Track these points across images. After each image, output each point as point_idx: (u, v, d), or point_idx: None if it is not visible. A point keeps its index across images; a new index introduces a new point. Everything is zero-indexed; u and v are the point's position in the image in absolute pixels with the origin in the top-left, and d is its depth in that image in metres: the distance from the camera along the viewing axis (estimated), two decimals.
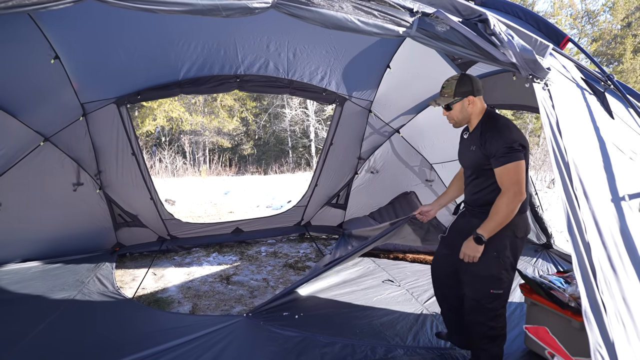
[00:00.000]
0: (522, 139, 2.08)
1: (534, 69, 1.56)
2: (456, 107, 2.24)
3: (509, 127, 2.12)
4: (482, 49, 1.55)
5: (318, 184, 5.49)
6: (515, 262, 2.27)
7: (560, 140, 1.58)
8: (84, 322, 3.13)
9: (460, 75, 2.25)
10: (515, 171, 2.01)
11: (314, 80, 4.49)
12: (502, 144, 2.03)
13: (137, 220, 4.90)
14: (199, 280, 4.18)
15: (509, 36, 1.53)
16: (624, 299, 1.38)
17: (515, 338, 2.90)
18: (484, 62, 1.67)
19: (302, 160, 22.83)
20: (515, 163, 2.01)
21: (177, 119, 17.14)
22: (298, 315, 3.06)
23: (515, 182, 2.01)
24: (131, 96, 4.14)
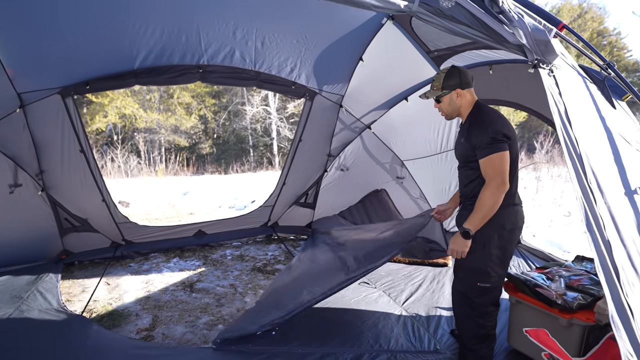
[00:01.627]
0: (507, 129, 2.04)
1: (545, 52, 1.43)
2: (445, 99, 2.25)
3: (494, 118, 2.09)
4: (489, 28, 1.40)
5: (286, 182, 5.24)
6: (505, 257, 2.22)
7: (571, 131, 1.45)
8: (18, 347, 2.66)
9: (449, 68, 2.24)
10: (498, 162, 1.99)
11: (282, 73, 4.24)
12: (486, 135, 2.02)
13: (87, 224, 4.42)
14: (159, 289, 3.81)
15: (519, 15, 1.38)
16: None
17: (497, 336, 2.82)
18: (490, 44, 1.52)
19: (263, 159, 22.39)
20: (498, 154, 1.99)
21: (130, 115, 16.16)
22: (274, 330, 2.80)
23: (499, 173, 1.99)
24: (79, 86, 3.68)
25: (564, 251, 5.01)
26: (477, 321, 2.27)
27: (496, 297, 2.28)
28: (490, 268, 2.17)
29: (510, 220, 2.17)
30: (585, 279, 2.65)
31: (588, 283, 2.59)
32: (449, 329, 3.01)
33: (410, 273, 4.15)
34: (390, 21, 3.52)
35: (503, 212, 2.12)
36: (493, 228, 2.13)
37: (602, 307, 2.20)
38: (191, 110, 20.22)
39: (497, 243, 2.16)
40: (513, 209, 2.18)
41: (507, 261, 2.26)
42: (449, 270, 4.21)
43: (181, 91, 18.82)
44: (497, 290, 2.26)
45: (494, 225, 2.13)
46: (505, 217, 2.14)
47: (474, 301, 2.25)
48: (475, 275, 2.21)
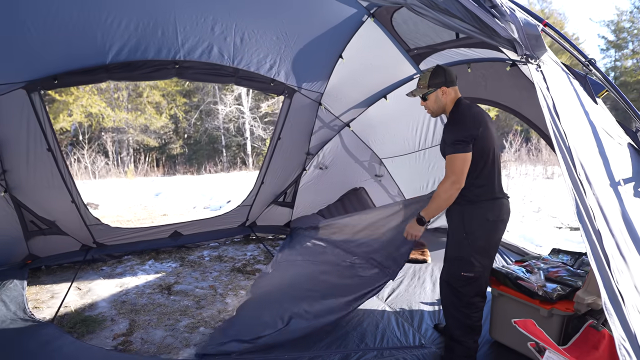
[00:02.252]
0: (475, 130, 2.14)
1: (535, 46, 1.46)
2: (431, 97, 2.34)
3: (464, 118, 2.20)
4: (482, 22, 1.41)
5: (264, 181, 5.17)
6: (488, 247, 2.29)
7: (560, 124, 1.49)
8: None
9: (434, 68, 2.34)
10: (456, 163, 2.12)
11: (261, 70, 4.17)
12: (452, 135, 2.15)
13: (55, 226, 4.19)
14: (134, 293, 3.67)
15: (510, 9, 1.40)
16: (635, 287, 1.31)
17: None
18: (481, 38, 1.53)
19: (237, 160, 22.05)
20: (458, 155, 2.11)
21: (97, 114, 15.53)
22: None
23: (455, 172, 2.13)
24: (46, 81, 3.47)
25: (537, 245, 5.19)
26: (463, 311, 2.32)
27: (481, 287, 2.33)
28: (473, 258, 2.24)
29: (494, 212, 2.24)
30: (562, 271, 2.75)
31: (565, 275, 2.68)
32: (433, 323, 3.04)
33: None
34: (371, 19, 3.52)
35: (486, 204, 2.23)
36: (477, 219, 2.23)
37: (581, 297, 2.28)
38: (161, 109, 19.65)
39: (480, 234, 2.24)
40: (496, 201, 2.26)
41: (491, 252, 2.32)
42: (429, 267, 4.27)
43: (151, 90, 18.26)
44: (481, 280, 2.31)
45: (477, 216, 2.22)
46: (489, 209, 2.23)
47: (459, 291, 2.31)
48: (459, 264, 2.29)
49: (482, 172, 2.20)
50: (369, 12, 3.49)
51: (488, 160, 2.19)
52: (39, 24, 2.95)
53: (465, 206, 2.27)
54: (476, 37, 1.52)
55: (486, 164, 2.19)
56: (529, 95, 3.22)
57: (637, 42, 23.74)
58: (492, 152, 2.22)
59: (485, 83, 3.51)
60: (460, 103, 2.30)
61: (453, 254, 2.34)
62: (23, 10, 2.83)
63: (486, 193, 2.23)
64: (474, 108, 2.27)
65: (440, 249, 4.69)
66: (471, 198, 2.24)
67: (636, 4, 24.79)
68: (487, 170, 2.20)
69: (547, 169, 12.57)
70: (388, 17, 3.43)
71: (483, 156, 2.17)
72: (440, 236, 5.31)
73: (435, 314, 3.20)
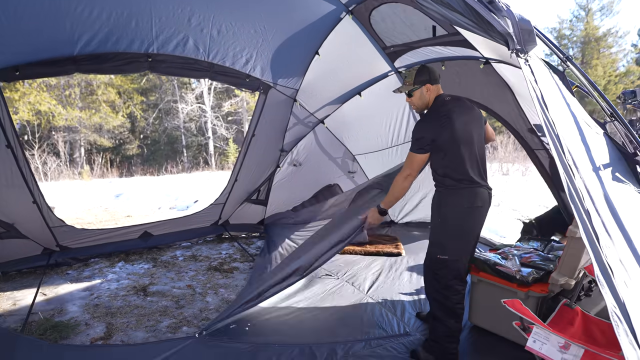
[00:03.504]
0: (433, 132, 2.29)
1: (527, 41, 1.56)
2: (416, 94, 2.46)
3: (428, 119, 2.39)
4: (479, 16, 1.49)
5: (238, 178, 5.08)
6: (463, 233, 2.41)
7: (548, 114, 1.59)
8: None
9: (420, 67, 2.48)
10: (412, 161, 2.36)
11: (237, 64, 4.10)
12: (414, 133, 2.35)
13: (14, 229, 3.90)
14: (107, 296, 3.50)
15: (506, 5, 1.49)
16: (620, 261, 1.43)
17: None
18: (476, 32, 1.62)
19: (199, 159, 21.47)
20: (415, 155, 2.34)
21: (47, 112, 14.56)
22: (247, 325, 2.70)
23: (410, 168, 2.38)
24: (6, 72, 3.21)
25: (501, 236, 5.47)
26: (443, 292, 2.41)
27: (458, 271, 2.41)
28: (447, 241, 2.38)
29: (468, 200, 2.36)
30: (534, 256, 2.93)
31: (538, 259, 2.86)
32: (414, 312, 3.14)
33: (368, 263, 4.25)
34: (350, 16, 3.58)
35: (461, 192, 2.36)
36: (451, 205, 2.38)
37: (556, 279, 2.45)
38: (117, 108, 18.75)
39: (454, 219, 2.37)
40: (472, 189, 2.36)
41: (466, 237, 2.42)
42: (404, 259, 4.39)
43: (106, 87, 17.37)
44: (458, 264, 2.40)
45: (452, 202, 2.38)
46: (464, 196, 2.36)
47: (436, 273, 2.42)
48: (435, 248, 2.43)
49: (451, 163, 2.32)
50: (348, 9, 3.54)
51: (457, 152, 2.31)
52: (3, 10, 2.74)
53: (442, 193, 2.42)
54: (472, 31, 1.60)
55: (455, 156, 2.31)
56: (500, 92, 3.41)
57: (576, 48, 25.62)
58: (466, 144, 2.32)
59: (458, 80, 3.67)
60: (436, 101, 2.44)
61: (430, 238, 2.50)
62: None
63: (462, 181, 2.34)
64: (446, 107, 2.37)
65: (413, 242, 4.91)
66: (448, 185, 2.37)
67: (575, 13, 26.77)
68: (458, 161, 2.32)
69: (502, 165, 13.27)
70: (367, 14, 3.50)
71: (450, 150, 2.30)
72: (412, 230, 5.49)
73: (415, 303, 3.30)
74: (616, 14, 27.60)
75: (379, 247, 4.71)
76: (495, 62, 3.09)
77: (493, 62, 3.14)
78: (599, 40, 23.98)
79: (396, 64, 4.09)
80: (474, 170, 2.38)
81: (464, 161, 2.33)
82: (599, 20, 24.85)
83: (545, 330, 1.82)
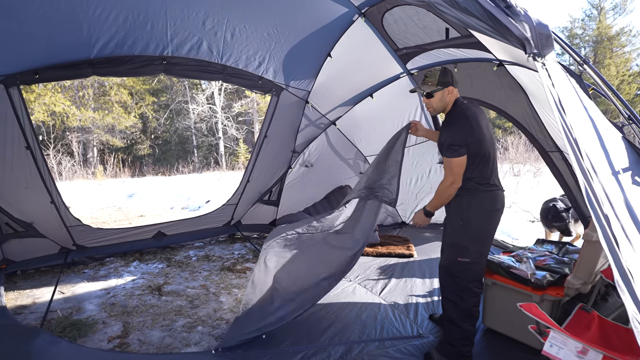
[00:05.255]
0: (468, 135, 2.26)
1: (545, 45, 1.55)
2: (437, 95, 2.41)
3: (460, 122, 2.31)
4: (498, 21, 1.49)
5: (250, 179, 5.13)
6: (484, 235, 2.41)
7: (566, 118, 1.59)
8: None
9: (442, 68, 2.42)
10: (452, 166, 2.28)
11: (250, 67, 4.14)
12: (449, 138, 2.28)
13: (32, 229, 3.99)
14: (122, 295, 3.56)
15: (524, 10, 1.49)
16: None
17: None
18: (493, 37, 1.62)
19: (209, 159, 21.62)
20: (454, 160, 2.26)
21: (61, 113, 14.79)
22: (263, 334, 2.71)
23: (453, 174, 2.29)
24: (26, 75, 3.29)
25: (513, 238, 5.43)
26: (460, 295, 2.42)
27: (478, 274, 2.43)
28: (469, 244, 2.36)
29: (489, 202, 2.37)
30: (549, 259, 2.91)
31: (552, 262, 2.84)
32: (428, 314, 3.14)
33: (379, 265, 4.26)
34: (362, 18, 3.59)
35: (483, 195, 2.36)
36: (474, 208, 2.36)
37: (572, 282, 2.43)
38: (129, 108, 18.97)
39: (476, 222, 2.37)
40: (492, 192, 2.38)
41: (487, 240, 2.43)
42: (415, 261, 4.38)
43: (118, 88, 17.60)
44: (478, 266, 2.41)
45: (474, 206, 2.36)
46: (485, 200, 2.36)
47: (456, 276, 2.41)
48: (456, 250, 2.40)
49: (478, 166, 2.33)
50: (360, 11, 3.55)
51: (484, 156, 2.32)
52: (22, 14, 2.82)
53: (463, 197, 2.39)
54: (490, 35, 1.60)
55: (482, 159, 2.32)
56: (513, 94, 3.39)
57: (589, 47, 25.25)
58: (488, 148, 2.33)
59: (471, 82, 3.66)
60: (457, 104, 2.40)
61: (451, 240, 2.46)
62: (6, 1, 2.69)
63: (483, 185, 2.35)
64: (470, 110, 2.35)
65: (425, 244, 4.90)
66: (469, 188, 2.36)
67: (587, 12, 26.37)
68: (483, 164, 2.33)
69: (513, 166, 13.13)
70: (379, 17, 3.51)
71: (479, 153, 2.30)
72: (423, 231, 5.47)
73: (428, 305, 3.30)
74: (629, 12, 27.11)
75: (390, 248, 4.71)
76: (508, 64, 3.07)
77: (506, 64, 3.12)
78: (612, 40, 23.61)
79: (408, 66, 4.09)
80: (495, 173, 2.42)
81: (488, 165, 2.35)
82: (612, 19, 24.48)
83: (562, 334, 1.81)
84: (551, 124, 3.26)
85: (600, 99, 2.19)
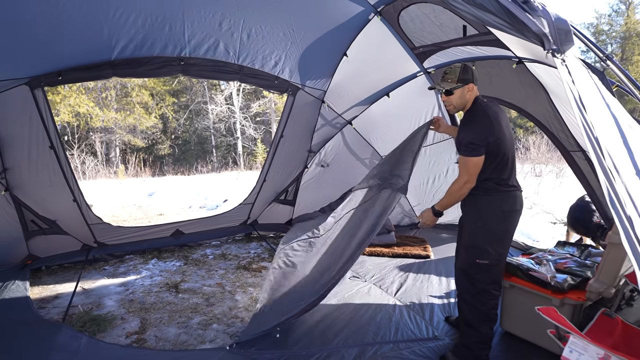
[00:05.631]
0: (489, 133, 2.20)
1: (564, 41, 1.50)
2: (457, 92, 2.36)
3: (480, 121, 2.26)
4: (514, 16, 1.45)
5: (267, 179, 5.16)
6: (503, 237, 2.35)
7: (587, 115, 1.53)
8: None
9: (463, 65, 2.38)
10: (469, 165, 2.23)
11: (266, 67, 4.17)
12: (467, 137, 2.23)
13: (56, 226, 4.12)
14: (141, 291, 3.63)
15: (542, 5, 1.45)
16: None
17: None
18: (510, 33, 1.58)
19: (228, 159, 21.88)
20: (471, 159, 2.21)
21: (85, 114, 15.24)
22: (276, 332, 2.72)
23: (468, 173, 2.24)
24: (49, 77, 3.40)
25: (534, 240, 5.30)
26: (478, 298, 2.37)
27: (496, 276, 2.38)
28: (488, 246, 2.31)
29: (508, 203, 2.32)
30: (570, 262, 2.83)
31: (574, 265, 2.76)
32: (444, 316, 3.09)
33: (395, 265, 4.22)
34: (378, 17, 3.56)
35: (501, 196, 2.31)
36: (492, 209, 2.31)
37: (594, 286, 2.35)
38: (150, 109, 19.39)
39: (495, 223, 2.31)
40: (511, 193, 2.33)
41: (506, 242, 2.38)
42: (432, 262, 4.33)
43: (140, 89, 18.01)
44: (496, 268, 2.36)
45: (492, 207, 2.31)
46: (504, 200, 2.31)
47: (474, 278, 2.36)
48: (474, 252, 2.35)
49: (497, 167, 2.28)
50: (376, 10, 3.53)
51: (503, 157, 2.26)
52: (45, 18, 2.91)
53: (481, 197, 2.35)
54: (506, 31, 1.56)
55: (502, 159, 2.27)
56: (533, 92, 3.30)
57: (616, 44, 24.43)
58: (507, 149, 2.28)
59: (489, 80, 3.58)
60: (477, 102, 2.35)
61: (468, 242, 2.40)
62: (31, 5, 2.78)
63: (502, 185, 2.30)
64: (491, 109, 2.29)
65: (442, 245, 4.83)
66: (488, 189, 2.31)
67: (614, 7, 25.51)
68: (502, 165, 2.28)
69: (535, 167, 12.82)
70: (395, 15, 3.47)
71: (499, 153, 2.24)
72: (440, 232, 5.39)
73: (445, 306, 3.25)
74: None
75: (407, 249, 4.66)
76: (528, 61, 3.00)
77: (526, 61, 3.04)
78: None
79: (425, 65, 4.04)
80: (514, 174, 2.37)
81: (507, 165, 2.30)
82: None
83: (583, 340, 1.75)
84: (573, 122, 3.16)
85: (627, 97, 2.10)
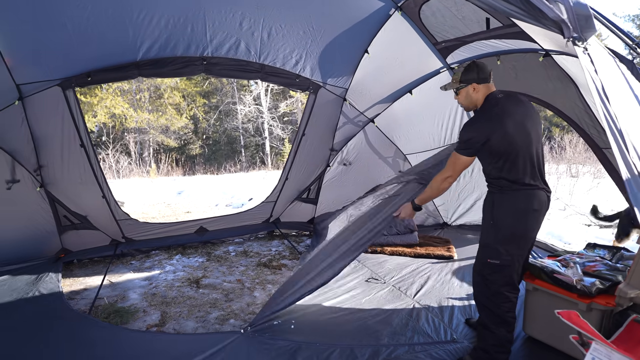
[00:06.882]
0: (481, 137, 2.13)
1: (584, 27, 1.42)
2: (462, 92, 2.36)
3: (477, 120, 2.23)
4: (529, 3, 1.38)
5: (289, 177, 5.19)
6: (518, 237, 2.24)
7: (610, 107, 1.44)
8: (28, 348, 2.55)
9: (468, 64, 2.35)
10: (456, 163, 2.27)
11: (287, 65, 4.19)
12: (462, 134, 2.23)
13: (87, 221, 4.31)
14: (164, 286, 3.73)
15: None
16: None
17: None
18: (526, 21, 1.50)
19: (256, 159, 22.21)
20: (460, 157, 2.24)
21: (120, 115, 15.89)
22: (291, 323, 2.74)
23: (452, 170, 2.30)
24: (80, 78, 3.57)
25: (565, 243, 5.06)
26: (492, 300, 2.28)
27: (510, 277, 2.26)
28: (499, 245, 2.22)
29: (524, 201, 2.20)
30: (600, 265, 2.67)
31: (604, 269, 2.60)
32: (464, 318, 3.00)
33: (417, 267, 4.13)
34: (399, 12, 3.50)
35: (516, 194, 2.20)
36: (505, 208, 2.23)
37: (624, 291, 2.20)
38: (182, 110, 19.97)
39: (507, 222, 2.21)
40: (527, 191, 2.20)
41: (521, 242, 2.25)
42: (455, 263, 4.21)
43: (172, 91, 18.59)
44: (510, 270, 2.24)
45: (506, 205, 2.22)
46: (519, 198, 2.20)
47: (486, 278, 2.29)
48: (486, 251, 2.29)
49: (504, 166, 2.17)
50: (397, 5, 3.47)
51: (509, 155, 2.15)
52: (75, 22, 3.05)
53: (495, 195, 2.27)
54: (523, 20, 1.49)
55: (508, 158, 2.15)
56: (562, 87, 3.15)
57: None
58: (522, 145, 2.15)
59: (515, 75, 3.45)
60: (488, 100, 2.26)
61: (481, 241, 2.35)
62: (61, 9, 2.92)
63: (517, 183, 2.19)
64: (499, 106, 2.19)
65: (466, 246, 4.69)
66: (502, 187, 2.23)
67: None
68: (510, 164, 2.16)
69: (570, 167, 12.23)
70: (416, 9, 3.40)
71: (504, 152, 2.14)
72: (466, 232, 5.25)
73: (465, 309, 3.15)
74: None
75: (429, 249, 4.56)
76: (556, 54, 2.86)
77: (554, 54, 2.90)
78: None
79: (448, 60, 3.93)
80: (531, 171, 2.21)
81: (519, 163, 2.17)
82: None
83: (606, 347, 1.65)
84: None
85: None
